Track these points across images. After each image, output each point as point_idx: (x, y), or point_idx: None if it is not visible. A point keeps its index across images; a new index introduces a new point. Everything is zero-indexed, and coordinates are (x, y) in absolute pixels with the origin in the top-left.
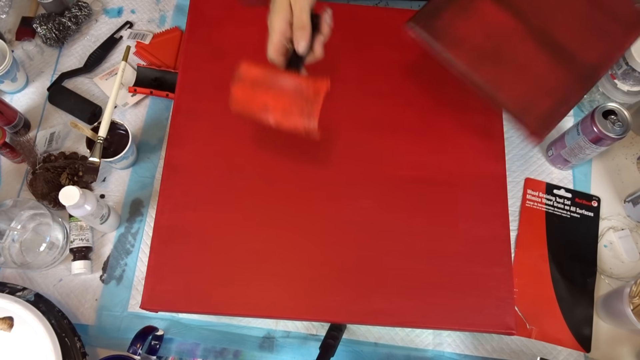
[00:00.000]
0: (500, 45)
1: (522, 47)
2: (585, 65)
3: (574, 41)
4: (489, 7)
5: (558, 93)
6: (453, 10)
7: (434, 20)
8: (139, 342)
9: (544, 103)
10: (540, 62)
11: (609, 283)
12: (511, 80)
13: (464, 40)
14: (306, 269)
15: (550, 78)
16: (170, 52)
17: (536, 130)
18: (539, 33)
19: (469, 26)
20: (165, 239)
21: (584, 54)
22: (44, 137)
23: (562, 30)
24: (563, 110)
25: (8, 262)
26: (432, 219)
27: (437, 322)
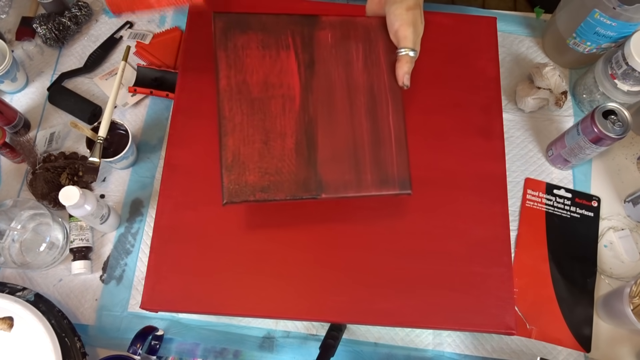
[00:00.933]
0: (267, 100)
1: (283, 119)
2: (316, 177)
3: (328, 153)
4: (290, 63)
5: (270, 178)
6: (260, 38)
7: (236, 31)
8: (139, 342)
9: (250, 176)
10: (285, 142)
11: (609, 283)
12: (246, 134)
13: (243, 68)
14: (306, 269)
15: (278, 162)
16: (170, 52)
17: (223, 191)
18: (308, 120)
19: (259, 62)
20: (165, 239)
21: (326, 169)
22: (44, 137)
23: (327, 136)
24: (258, 195)
25: (8, 262)
26: (432, 219)
27: (437, 322)
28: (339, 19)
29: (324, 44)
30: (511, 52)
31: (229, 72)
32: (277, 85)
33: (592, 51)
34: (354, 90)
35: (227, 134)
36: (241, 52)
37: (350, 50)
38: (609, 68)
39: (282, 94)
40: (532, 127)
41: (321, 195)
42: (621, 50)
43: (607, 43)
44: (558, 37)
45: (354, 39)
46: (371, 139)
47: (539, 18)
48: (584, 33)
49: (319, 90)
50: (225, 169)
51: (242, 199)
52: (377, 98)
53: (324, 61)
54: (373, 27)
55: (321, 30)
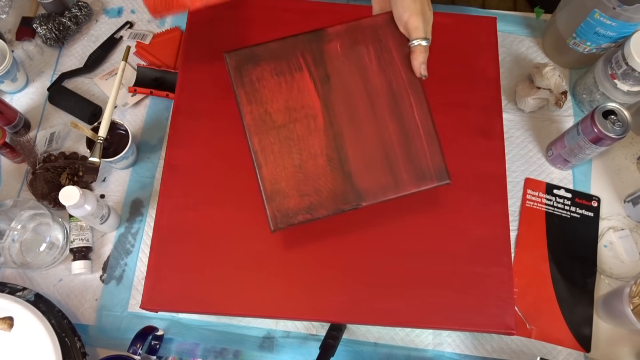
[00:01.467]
0: (292, 125)
1: (311, 139)
2: (354, 188)
3: (361, 162)
4: (306, 83)
5: (311, 199)
6: (273, 66)
7: (249, 65)
8: (139, 342)
9: (292, 200)
10: (317, 162)
11: (609, 283)
12: (279, 162)
13: (263, 99)
14: (306, 269)
15: (315, 181)
16: (170, 52)
17: (270, 219)
18: (335, 135)
19: (277, 90)
20: (165, 239)
21: (361, 178)
22: (44, 137)
23: (357, 146)
24: (303, 217)
25: (8, 262)
26: (432, 219)
27: (437, 322)
28: (344, 27)
29: (335, 55)
30: (511, 52)
31: (250, 107)
32: (298, 107)
33: (592, 51)
34: (373, 94)
35: (261, 166)
36: (257, 84)
37: (362, 55)
38: (609, 68)
39: (304, 115)
40: (532, 127)
41: (361, 204)
42: (621, 50)
43: (607, 43)
44: (558, 37)
45: (363, 42)
46: (400, 137)
47: (539, 18)
48: (584, 33)
49: (339, 102)
50: (266, 200)
51: (287, 223)
52: (398, 96)
53: (339, 72)
54: (380, 24)
55: (329, 42)
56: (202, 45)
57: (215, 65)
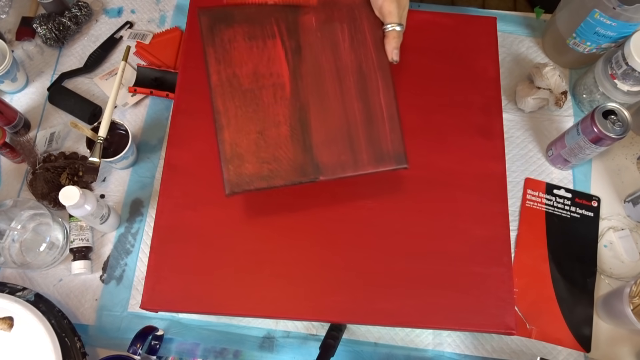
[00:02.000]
0: (259, 91)
1: (276, 107)
2: (313, 161)
3: (323, 136)
4: (278, 51)
5: (269, 167)
6: (246, 30)
7: (222, 25)
8: (139, 342)
9: (249, 166)
10: (279, 130)
11: (609, 283)
12: (241, 126)
13: (232, 61)
14: (306, 269)
15: (275, 149)
16: (170, 52)
17: (225, 183)
18: (300, 106)
19: (247, 53)
20: (165, 239)
21: (322, 152)
22: (44, 137)
23: (321, 119)
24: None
25: (8, 262)
26: (432, 219)
27: (437, 322)
28: (322, 1)
29: (309, 28)
30: (511, 52)
31: (218, 67)
32: (267, 74)
33: (592, 51)
34: (342, 71)
35: (222, 127)
36: (228, 45)
37: (335, 32)
38: (609, 68)
39: (272, 83)
40: (532, 127)
41: (319, 177)
42: (621, 50)
43: (607, 43)
44: (558, 37)
45: (338, 20)
46: (364, 118)
47: (539, 18)
48: (584, 33)
49: (308, 75)
50: (224, 162)
51: (243, 188)
52: (366, 77)
53: (311, 46)
54: (357, 5)
55: (305, 15)
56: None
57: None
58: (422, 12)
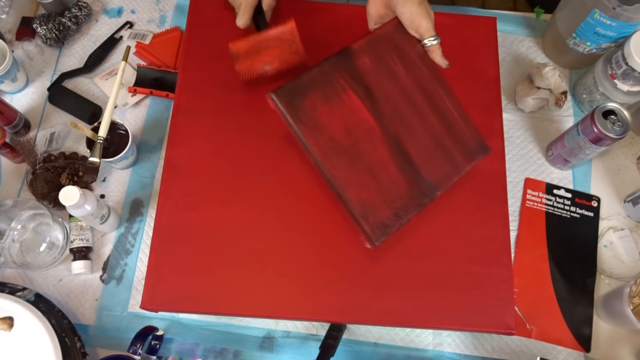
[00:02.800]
0: (356, 143)
1: (376, 151)
2: (426, 182)
3: (422, 157)
4: (354, 101)
5: (396, 205)
6: (320, 94)
7: (299, 99)
8: (139, 342)
9: (382, 212)
10: (389, 170)
11: (609, 283)
12: (358, 181)
13: (323, 128)
14: (306, 269)
15: (393, 188)
16: (170, 52)
17: (370, 237)
18: (394, 140)
19: (331, 115)
20: (165, 239)
21: (428, 171)
22: (44, 137)
23: (415, 144)
24: (397, 223)
25: (8, 262)
26: (432, 219)
27: (437, 322)
28: (364, 42)
29: (368, 69)
30: (511, 52)
31: (314, 138)
32: (356, 125)
33: (592, 51)
34: (409, 94)
35: (344, 190)
36: (312, 114)
37: (388, 63)
38: (609, 68)
39: (362, 130)
40: (532, 127)
41: (437, 194)
42: (621, 50)
43: (607, 43)
44: (558, 37)
45: (385, 51)
46: (443, 126)
47: (539, 18)
48: (584, 33)
49: (386, 110)
50: (361, 219)
51: (386, 234)
52: (428, 91)
53: (376, 83)
54: (391, 32)
55: (358, 58)
56: (202, 45)
57: (215, 65)
58: None
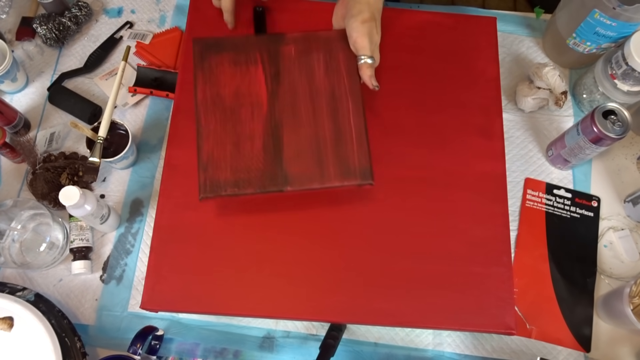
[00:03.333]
0: (238, 109)
1: (252, 123)
2: (282, 172)
3: (293, 150)
4: (258, 75)
5: (241, 175)
6: (232, 56)
7: (211, 52)
8: (139, 342)
9: (223, 173)
10: (253, 143)
11: (609, 283)
12: (218, 138)
13: (217, 82)
14: (306, 269)
15: (247, 160)
16: (170, 52)
17: (200, 187)
18: (274, 123)
19: (231, 76)
20: (165, 239)
21: (291, 164)
22: (44, 137)
23: (292, 135)
24: (231, 190)
25: (8, 262)
26: (432, 219)
27: (437, 322)
28: (302, 35)
29: (289, 57)
30: (511, 52)
31: (205, 87)
32: (247, 94)
33: (592, 51)
34: (316, 94)
35: (202, 138)
36: (215, 69)
37: (312, 60)
38: (609, 68)
39: (250, 102)
40: (532, 127)
41: (287, 187)
42: (621, 50)
43: (607, 43)
44: (558, 37)
45: (315, 50)
46: (333, 136)
47: (539, 18)
48: (584, 33)
49: (284, 97)
50: (200, 169)
51: (215, 193)
52: (337, 100)
53: (289, 71)
54: (333, 38)
55: (286, 45)
56: None
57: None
58: (422, 12)
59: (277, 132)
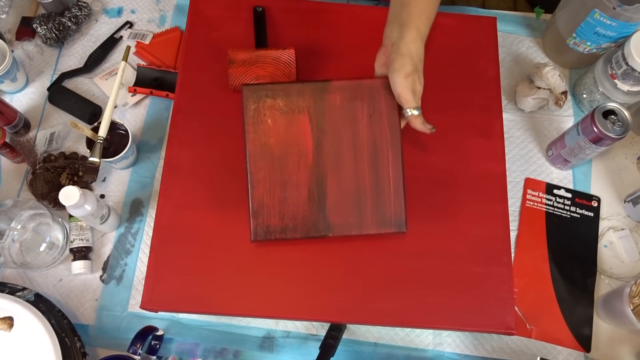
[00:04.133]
0: (285, 158)
1: (298, 173)
2: (324, 220)
3: (335, 199)
4: (304, 125)
5: (287, 222)
6: (281, 105)
7: (261, 99)
8: (139, 342)
9: (272, 220)
10: (299, 192)
11: (609, 283)
12: (268, 186)
13: (266, 131)
14: (306, 269)
15: (293, 208)
16: (170, 52)
17: (252, 231)
18: (319, 173)
19: (279, 125)
20: (165, 239)
21: (333, 213)
22: (44, 137)
23: (335, 185)
24: (279, 235)
25: (8, 262)
26: (432, 219)
27: (437, 322)
28: (348, 83)
29: (334, 106)
30: (511, 52)
31: (254, 135)
32: (294, 144)
33: (592, 51)
34: (358, 145)
35: (253, 186)
36: (264, 117)
37: (356, 110)
38: (609, 68)
39: (297, 151)
40: (532, 127)
41: (328, 234)
42: (621, 50)
43: (607, 43)
44: (558, 37)
45: (360, 99)
46: (373, 185)
47: (539, 18)
48: (584, 33)
49: (328, 146)
50: (252, 215)
51: (265, 238)
52: (378, 151)
53: (333, 121)
54: (377, 88)
55: (331, 94)
56: (202, 45)
57: (215, 65)
58: None
59: (322, 181)
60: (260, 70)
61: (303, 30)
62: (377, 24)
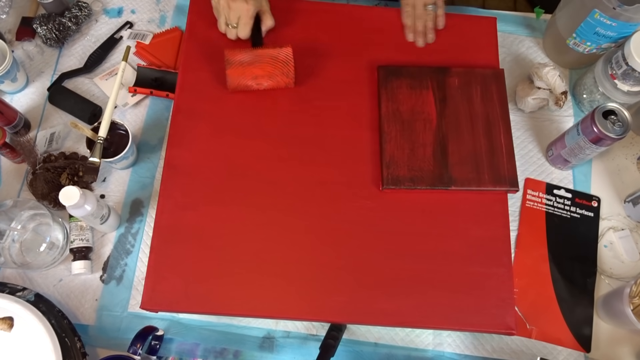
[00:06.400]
0: (413, 122)
1: (424, 134)
2: (447, 174)
3: (456, 157)
4: (429, 98)
5: (415, 173)
6: (409, 82)
7: (393, 76)
8: (139, 342)
9: (402, 170)
10: (425, 150)
11: (609, 283)
12: (398, 143)
13: (397, 101)
14: (306, 269)
15: (420, 162)
16: (170, 52)
17: (383, 180)
18: (441, 135)
19: (408, 97)
20: (165, 239)
21: (454, 169)
22: (44, 137)
23: (456, 146)
24: (407, 184)
25: (8, 262)
26: (432, 219)
27: (437, 322)
28: (464, 70)
29: (453, 86)
30: (511, 52)
31: (387, 103)
32: (420, 112)
33: (592, 51)
34: (474, 117)
35: (385, 142)
36: (396, 90)
37: (471, 90)
38: (609, 68)
39: (423, 118)
40: (532, 127)
41: (451, 186)
42: (621, 50)
43: (607, 43)
44: (558, 37)
45: (474, 82)
46: (488, 150)
47: (539, 18)
48: (584, 33)
49: (449, 116)
50: (384, 166)
51: (395, 186)
52: (492, 123)
53: (453, 97)
54: (488, 75)
55: (450, 77)
56: (202, 45)
57: (215, 65)
58: None
59: (444, 143)
60: (258, 70)
61: (302, 30)
62: (377, 24)
